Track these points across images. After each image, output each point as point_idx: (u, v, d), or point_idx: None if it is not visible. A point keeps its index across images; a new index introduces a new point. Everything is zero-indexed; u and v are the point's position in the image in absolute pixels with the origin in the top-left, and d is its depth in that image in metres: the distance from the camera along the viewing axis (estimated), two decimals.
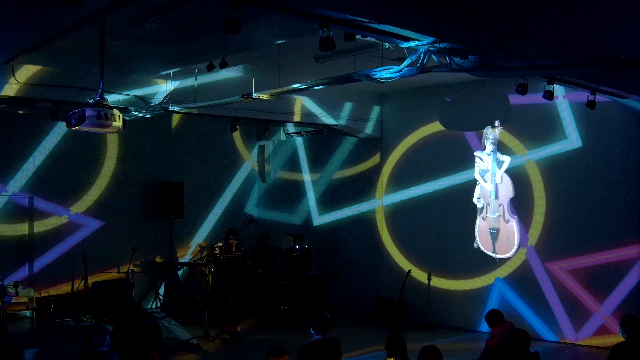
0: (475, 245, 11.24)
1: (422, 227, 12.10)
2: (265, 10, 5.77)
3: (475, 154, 11.28)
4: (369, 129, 12.64)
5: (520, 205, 10.79)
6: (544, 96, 7.92)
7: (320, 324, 6.68)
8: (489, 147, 11.10)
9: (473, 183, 11.31)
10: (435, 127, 11.92)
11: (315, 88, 8.39)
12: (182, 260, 13.67)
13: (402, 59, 6.93)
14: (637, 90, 8.18)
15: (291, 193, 14.46)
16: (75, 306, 11.56)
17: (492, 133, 11.09)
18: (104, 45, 7.47)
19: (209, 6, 6.66)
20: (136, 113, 9.97)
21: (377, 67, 7.20)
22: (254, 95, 8.65)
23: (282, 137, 14.36)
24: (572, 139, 10.26)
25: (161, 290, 13.21)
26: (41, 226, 12.08)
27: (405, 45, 6.48)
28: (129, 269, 11.96)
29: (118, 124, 7.28)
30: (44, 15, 6.66)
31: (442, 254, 11.78)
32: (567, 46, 7.06)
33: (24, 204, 11.97)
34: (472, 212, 11.30)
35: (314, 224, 13.96)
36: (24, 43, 7.66)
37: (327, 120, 12.11)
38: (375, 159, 12.93)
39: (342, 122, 12.25)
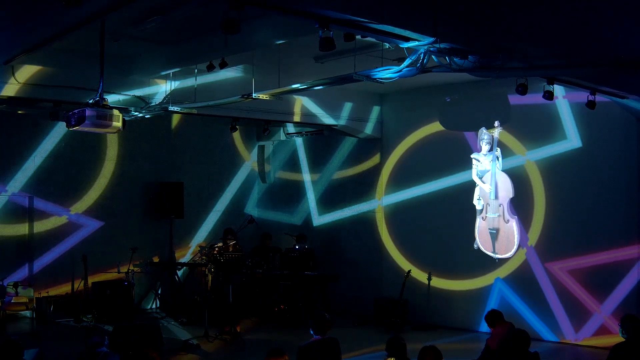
0: (475, 246, 11.23)
1: (422, 227, 12.09)
2: (265, 10, 5.77)
3: (472, 156, 11.29)
4: (368, 129, 12.64)
5: (520, 205, 10.79)
6: (544, 96, 7.92)
7: (320, 324, 6.68)
8: (485, 147, 11.11)
9: (473, 183, 11.31)
10: (435, 127, 11.92)
11: (315, 88, 8.40)
12: (182, 260, 13.67)
13: (402, 59, 6.93)
14: (637, 90, 8.18)
15: (291, 193, 14.45)
16: (75, 306, 11.54)
17: (486, 133, 11.10)
18: (104, 45, 7.48)
19: (209, 6, 6.66)
20: (136, 113, 9.97)
21: (377, 67, 7.20)
22: (254, 95, 8.65)
23: (282, 137, 14.35)
24: (572, 139, 10.26)
25: (161, 291, 13.21)
26: (41, 226, 12.07)
27: (405, 45, 6.49)
28: (128, 269, 11.95)
29: (118, 124, 7.29)
30: (44, 15, 6.66)
31: (442, 254, 11.78)
32: (567, 46, 7.06)
33: (23, 204, 11.96)
34: (471, 212, 11.30)
35: (314, 224, 13.95)
36: (24, 43, 7.66)
37: (327, 120, 12.11)
38: (375, 159, 12.93)
39: (342, 122, 12.24)
